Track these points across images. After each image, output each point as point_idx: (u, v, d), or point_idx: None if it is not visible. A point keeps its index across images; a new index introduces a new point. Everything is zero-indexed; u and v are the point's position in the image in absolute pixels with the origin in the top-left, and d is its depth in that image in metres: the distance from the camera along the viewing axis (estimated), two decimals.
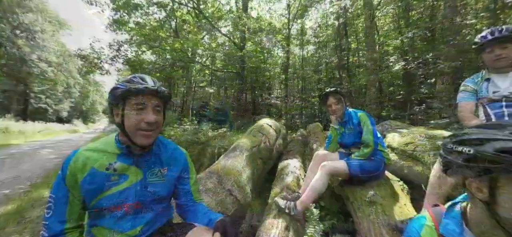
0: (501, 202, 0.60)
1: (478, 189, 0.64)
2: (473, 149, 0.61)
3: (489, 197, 0.62)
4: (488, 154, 0.58)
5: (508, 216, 0.59)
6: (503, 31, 1.46)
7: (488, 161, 0.58)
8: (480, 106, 1.56)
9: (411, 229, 0.81)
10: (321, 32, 16.10)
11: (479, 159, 0.60)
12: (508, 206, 0.59)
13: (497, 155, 0.56)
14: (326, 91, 2.05)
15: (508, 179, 0.58)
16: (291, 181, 2.54)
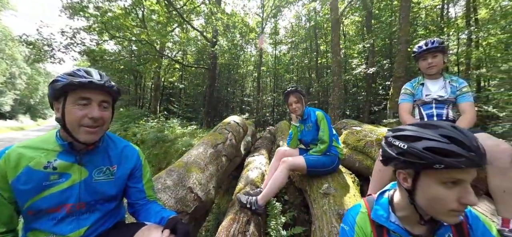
0: (419, 192, 0.70)
1: (404, 179, 0.74)
2: (406, 145, 0.69)
3: (411, 187, 0.72)
4: (417, 150, 0.66)
5: (421, 204, 0.70)
6: (434, 43, 1.70)
7: (416, 156, 0.66)
8: (416, 106, 1.79)
9: (348, 216, 0.90)
10: (293, 32, 16.62)
11: (410, 154, 0.67)
12: (422, 195, 0.69)
13: (423, 152, 0.64)
14: (287, 90, 2.14)
15: (426, 174, 0.67)
16: (256, 177, 2.60)
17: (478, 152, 0.61)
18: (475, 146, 0.62)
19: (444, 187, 0.63)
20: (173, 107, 11.94)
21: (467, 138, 0.63)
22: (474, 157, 0.60)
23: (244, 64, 18.36)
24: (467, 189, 0.62)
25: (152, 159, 5.99)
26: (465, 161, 0.59)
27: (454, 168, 0.61)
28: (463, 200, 0.62)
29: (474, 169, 0.62)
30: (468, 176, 0.62)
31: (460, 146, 0.61)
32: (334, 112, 5.71)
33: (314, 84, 12.57)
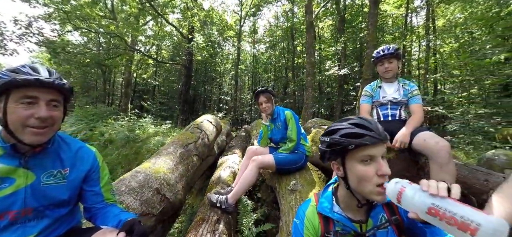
0: (349, 176, 0.80)
1: (338, 168, 0.84)
2: (329, 137, 0.82)
3: (343, 173, 0.81)
4: (336, 139, 0.79)
5: (353, 186, 0.79)
6: (390, 49, 1.86)
7: (336, 144, 0.79)
8: (374, 107, 1.95)
9: (300, 211, 0.96)
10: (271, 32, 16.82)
11: (332, 144, 0.80)
12: (351, 177, 0.79)
13: (340, 138, 0.78)
14: (257, 90, 2.18)
15: (349, 158, 0.78)
16: (227, 176, 2.61)
17: (377, 131, 0.75)
18: (375, 127, 0.76)
19: (363, 164, 0.75)
20: (146, 105, 11.34)
21: (369, 123, 0.78)
22: (374, 135, 0.74)
23: (222, 62, 18.16)
24: (381, 162, 0.74)
25: (122, 160, 5.66)
26: (368, 138, 0.73)
27: (363, 146, 0.74)
28: (380, 172, 0.73)
29: (380, 145, 0.75)
30: (377, 151, 0.75)
31: (363, 129, 0.76)
32: (307, 111, 5.93)
33: (290, 84, 12.89)
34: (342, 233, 0.85)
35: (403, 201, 0.62)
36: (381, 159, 0.75)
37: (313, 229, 0.89)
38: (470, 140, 3.49)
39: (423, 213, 0.55)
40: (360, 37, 9.05)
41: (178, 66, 14.10)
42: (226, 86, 19.88)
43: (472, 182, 1.73)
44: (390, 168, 1.77)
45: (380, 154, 0.75)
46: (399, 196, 0.62)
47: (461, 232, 0.47)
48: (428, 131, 1.50)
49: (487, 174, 1.70)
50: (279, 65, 15.29)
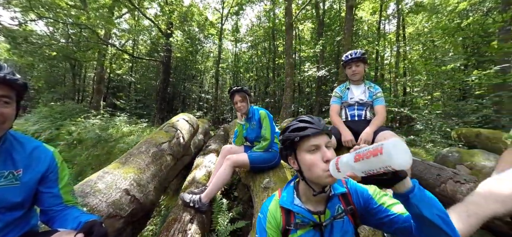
0: (302, 167, 0.88)
1: (293, 163, 0.92)
2: (282, 135, 0.92)
3: (298, 166, 0.89)
4: (287, 134, 0.90)
5: (307, 175, 0.87)
6: (357, 53, 1.98)
7: (287, 139, 0.89)
8: (343, 108, 2.06)
9: (264, 206, 1.00)
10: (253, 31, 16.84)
11: (285, 140, 0.90)
12: (303, 168, 0.87)
13: (289, 133, 0.89)
14: (233, 89, 2.19)
15: (299, 150, 0.88)
16: (203, 176, 2.59)
17: (318, 124, 0.87)
18: (316, 121, 0.88)
19: (310, 154, 0.85)
20: (119, 103, 10.72)
21: (311, 118, 0.90)
22: (314, 127, 0.85)
23: (203, 60, 17.83)
24: (324, 150, 0.84)
25: (92, 161, 5.33)
26: (309, 130, 0.85)
27: (307, 137, 0.85)
28: (324, 158, 0.83)
29: (321, 136, 0.86)
30: (320, 140, 0.85)
31: (306, 123, 0.88)
32: (286, 110, 6.06)
33: (270, 84, 13.05)
34: (301, 224, 0.90)
35: (341, 168, 0.73)
36: (325, 147, 0.85)
37: (275, 222, 0.93)
38: (430, 139, 3.83)
39: (352, 165, 0.68)
40: (337, 40, 9.43)
41: (156, 63, 13.56)
42: (207, 84, 19.57)
43: (427, 177, 1.91)
44: None
45: (324, 143, 0.86)
46: (338, 166, 0.74)
47: (376, 157, 0.60)
48: (389, 130, 1.62)
49: (440, 169, 1.88)
50: (261, 65, 15.39)
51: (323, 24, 11.62)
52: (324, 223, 0.89)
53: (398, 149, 0.57)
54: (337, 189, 0.94)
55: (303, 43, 14.03)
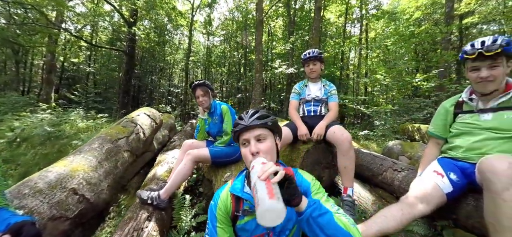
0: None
1: (277, 144, 0.99)
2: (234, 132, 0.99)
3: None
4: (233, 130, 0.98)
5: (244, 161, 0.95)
6: (314, 52, 2.10)
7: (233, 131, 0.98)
8: (301, 104, 2.18)
9: (216, 193, 1.04)
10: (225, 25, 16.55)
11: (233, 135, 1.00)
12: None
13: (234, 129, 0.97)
14: (194, 83, 2.15)
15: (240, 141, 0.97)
16: (164, 172, 2.51)
17: (246, 121, 0.94)
18: (246, 117, 0.95)
19: (243, 147, 0.94)
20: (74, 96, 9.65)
21: (245, 115, 0.97)
22: (242, 123, 0.94)
23: (172, 52, 17.01)
24: (251, 144, 0.91)
25: (40, 160, 4.75)
26: (239, 126, 0.94)
27: (239, 132, 0.94)
28: (251, 151, 0.90)
29: (249, 131, 0.93)
30: (249, 135, 0.93)
31: (240, 119, 0.97)
32: (255, 106, 6.13)
33: (241, 80, 13.04)
34: (249, 211, 0.95)
35: (251, 175, 0.77)
36: (254, 141, 0.92)
37: (225, 208, 0.97)
38: (383, 133, 4.26)
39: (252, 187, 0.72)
40: (306, 40, 9.80)
41: (118, 53, 12.52)
42: (177, 78, 18.74)
43: (372, 167, 2.13)
44: (311, 156, 2.00)
45: (253, 137, 0.93)
46: (252, 169, 0.79)
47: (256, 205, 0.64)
48: (338, 125, 1.77)
49: (383, 159, 2.11)
50: (234, 59, 15.25)
51: (294, 22, 11.96)
52: None
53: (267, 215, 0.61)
54: None
55: (275, 40, 14.29)
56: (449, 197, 1.32)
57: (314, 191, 0.96)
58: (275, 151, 0.96)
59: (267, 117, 0.98)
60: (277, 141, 1.00)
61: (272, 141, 0.96)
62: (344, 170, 1.62)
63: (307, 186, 0.97)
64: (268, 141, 0.94)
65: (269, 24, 13.14)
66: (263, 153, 0.90)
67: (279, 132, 1.03)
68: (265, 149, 0.91)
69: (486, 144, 1.29)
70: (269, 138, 0.95)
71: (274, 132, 0.99)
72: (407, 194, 1.38)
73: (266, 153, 0.91)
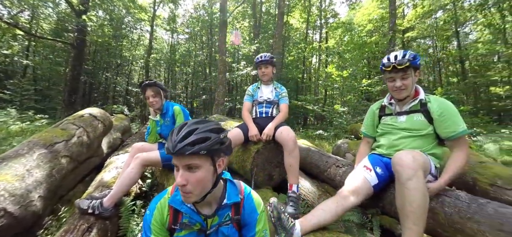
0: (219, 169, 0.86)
1: (219, 165, 0.88)
2: None
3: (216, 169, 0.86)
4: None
5: None
6: (266, 56, 2.20)
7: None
8: (254, 105, 2.26)
9: (153, 202, 0.97)
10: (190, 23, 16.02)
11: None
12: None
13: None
14: (144, 83, 2.05)
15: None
16: (111, 178, 2.33)
17: (172, 144, 0.79)
18: (174, 139, 0.80)
19: (176, 170, 0.82)
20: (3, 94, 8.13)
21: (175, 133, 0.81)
22: (170, 147, 0.79)
23: (132, 47, 15.77)
24: (179, 173, 0.79)
25: None
26: (166, 149, 0.80)
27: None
28: (177, 183, 0.80)
29: (177, 158, 0.79)
30: (177, 162, 0.80)
31: (172, 138, 0.81)
32: (218, 107, 6.10)
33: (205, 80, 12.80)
34: (188, 224, 0.90)
35: None
36: (184, 170, 0.79)
37: (161, 219, 0.91)
38: (334, 133, 4.65)
39: None
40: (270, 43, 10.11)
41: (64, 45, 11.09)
42: (136, 76, 17.42)
43: (319, 164, 2.31)
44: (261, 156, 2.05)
45: (181, 165, 0.79)
46: None
47: None
48: (286, 126, 1.89)
49: (328, 157, 2.31)
50: (198, 59, 14.84)
51: (260, 25, 12.22)
52: (210, 229, 0.92)
53: None
54: (231, 198, 0.94)
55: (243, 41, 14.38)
56: (375, 189, 1.52)
57: (259, 225, 0.95)
58: (210, 179, 0.84)
59: (203, 141, 0.79)
60: (221, 162, 0.87)
61: (208, 168, 0.82)
62: (290, 168, 1.74)
63: (254, 218, 0.95)
64: (201, 170, 0.80)
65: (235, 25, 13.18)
66: (191, 185, 0.79)
67: (223, 150, 0.86)
68: (195, 181, 0.79)
69: (402, 142, 1.53)
70: (204, 166, 0.81)
71: (213, 155, 0.84)
72: (342, 188, 1.55)
73: (195, 185, 0.80)
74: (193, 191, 0.81)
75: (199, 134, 0.80)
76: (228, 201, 0.93)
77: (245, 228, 0.97)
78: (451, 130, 1.39)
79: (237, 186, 1.00)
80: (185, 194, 0.81)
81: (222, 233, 0.93)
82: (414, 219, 1.14)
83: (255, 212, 0.96)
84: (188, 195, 0.81)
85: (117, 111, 8.14)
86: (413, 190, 1.15)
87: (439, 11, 14.09)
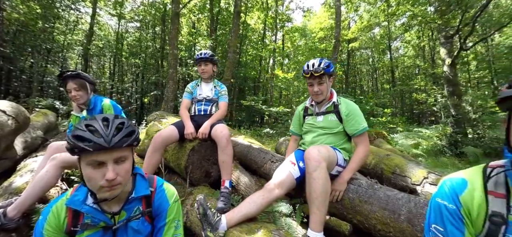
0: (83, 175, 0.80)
1: (77, 167, 0.85)
2: (69, 136, 0.77)
3: (81, 172, 0.81)
4: (70, 139, 0.77)
5: (87, 184, 0.82)
6: (206, 54, 2.22)
7: (69, 144, 0.76)
8: (193, 103, 2.26)
9: (48, 206, 0.90)
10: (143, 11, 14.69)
11: (68, 143, 0.77)
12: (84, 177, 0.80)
13: (71, 140, 0.76)
14: (65, 74, 1.83)
15: (82, 159, 0.79)
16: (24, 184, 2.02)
17: (106, 139, 0.75)
18: (106, 133, 0.76)
19: (92, 168, 0.77)
20: None
21: (102, 127, 0.77)
22: (100, 142, 0.74)
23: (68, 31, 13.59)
24: (109, 168, 0.77)
25: None
26: (92, 145, 0.73)
27: (88, 151, 0.74)
28: (105, 177, 0.77)
29: (108, 152, 0.77)
30: (106, 157, 0.77)
31: (93, 133, 0.75)
32: (167, 104, 5.81)
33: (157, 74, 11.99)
34: (91, 225, 0.86)
35: None
36: (113, 163, 0.78)
37: (57, 224, 0.85)
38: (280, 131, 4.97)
39: None
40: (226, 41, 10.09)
41: None
42: (72, 65, 15.12)
43: (257, 159, 2.45)
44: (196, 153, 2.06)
45: (111, 159, 0.78)
46: None
47: None
48: (221, 124, 1.96)
49: (265, 153, 2.47)
50: (149, 50, 13.75)
51: (217, 21, 12.03)
52: (117, 225, 0.89)
53: None
54: (139, 192, 0.93)
55: (200, 35, 13.92)
56: (298, 181, 1.70)
57: (170, 216, 0.97)
58: (131, 169, 0.87)
59: (133, 133, 0.83)
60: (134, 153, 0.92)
61: (131, 159, 0.86)
62: (223, 164, 1.81)
63: (165, 209, 0.97)
64: (127, 161, 0.83)
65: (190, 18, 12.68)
66: (121, 177, 0.80)
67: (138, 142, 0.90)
68: (124, 172, 0.81)
69: (319, 139, 1.75)
70: (129, 157, 0.84)
71: (133, 147, 0.87)
72: (269, 182, 1.69)
73: (124, 176, 0.82)
74: (122, 182, 0.82)
75: (128, 127, 0.83)
76: (136, 195, 0.92)
77: (156, 219, 0.98)
78: (355, 128, 1.66)
79: (149, 179, 1.01)
80: (114, 187, 0.80)
81: (132, 228, 0.92)
82: (318, 204, 1.33)
83: (166, 203, 0.97)
84: (117, 188, 0.81)
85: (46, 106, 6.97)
86: (317, 179, 1.34)
87: (376, 27, 16.31)
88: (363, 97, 8.07)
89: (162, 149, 1.86)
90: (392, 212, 1.45)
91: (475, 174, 0.73)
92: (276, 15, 13.83)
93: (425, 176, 2.04)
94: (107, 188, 0.79)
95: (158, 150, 1.81)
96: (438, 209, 0.74)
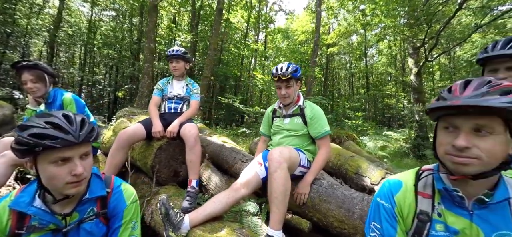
0: (41, 175, 0.79)
1: (31, 166, 0.82)
2: (18, 134, 0.73)
3: (36, 172, 0.80)
4: (24, 138, 0.72)
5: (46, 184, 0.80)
6: (178, 51, 2.19)
7: (23, 143, 0.72)
8: (164, 100, 2.22)
9: None
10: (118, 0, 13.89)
11: (21, 143, 0.73)
12: (44, 177, 0.78)
13: (28, 138, 0.72)
14: (19, 64, 1.70)
15: (42, 158, 0.76)
16: None
17: (75, 134, 0.76)
18: (72, 128, 0.77)
19: (55, 165, 0.76)
20: None
21: (66, 123, 0.77)
22: (69, 138, 0.74)
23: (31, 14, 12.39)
24: (76, 163, 0.78)
25: None
26: (60, 141, 0.73)
27: (53, 148, 0.73)
28: (73, 172, 0.77)
29: (76, 147, 0.77)
30: (73, 152, 0.77)
31: (58, 129, 0.74)
32: (142, 99, 5.59)
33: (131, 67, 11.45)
34: (39, 227, 0.83)
35: None
36: (79, 159, 0.79)
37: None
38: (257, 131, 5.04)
39: None
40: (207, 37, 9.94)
41: None
42: (36, 52, 13.84)
43: (228, 159, 2.47)
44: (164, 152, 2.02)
45: (78, 155, 0.79)
46: None
47: None
48: (190, 123, 1.95)
49: (237, 153, 2.50)
50: (125, 42, 13.05)
51: (199, 16, 11.78)
52: (68, 227, 0.86)
53: None
54: (94, 193, 0.91)
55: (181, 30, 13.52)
56: (264, 180, 1.75)
57: (127, 216, 0.96)
58: None
59: (94, 129, 0.86)
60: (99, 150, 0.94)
61: (91, 154, 0.88)
62: (190, 164, 1.80)
63: (121, 210, 0.96)
64: (90, 156, 0.86)
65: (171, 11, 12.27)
66: (86, 172, 0.82)
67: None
68: (89, 166, 0.83)
69: (285, 140, 1.83)
70: (91, 152, 0.87)
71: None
72: (236, 181, 1.73)
73: (89, 170, 0.84)
74: (87, 176, 0.84)
75: (89, 122, 0.84)
76: (90, 196, 0.90)
77: (111, 220, 0.96)
78: (317, 131, 1.75)
79: (106, 180, 0.99)
80: (81, 182, 0.82)
81: (84, 229, 0.90)
82: (277, 204, 1.39)
83: (123, 203, 0.96)
84: (83, 182, 0.83)
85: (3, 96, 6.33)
86: (277, 179, 1.41)
87: (354, 34, 17.12)
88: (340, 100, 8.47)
89: (127, 147, 1.80)
90: (347, 210, 1.55)
91: (409, 176, 0.80)
92: (259, 16, 13.91)
93: (382, 177, 2.21)
94: (74, 184, 0.79)
95: (122, 148, 1.75)
96: (377, 207, 0.81)
